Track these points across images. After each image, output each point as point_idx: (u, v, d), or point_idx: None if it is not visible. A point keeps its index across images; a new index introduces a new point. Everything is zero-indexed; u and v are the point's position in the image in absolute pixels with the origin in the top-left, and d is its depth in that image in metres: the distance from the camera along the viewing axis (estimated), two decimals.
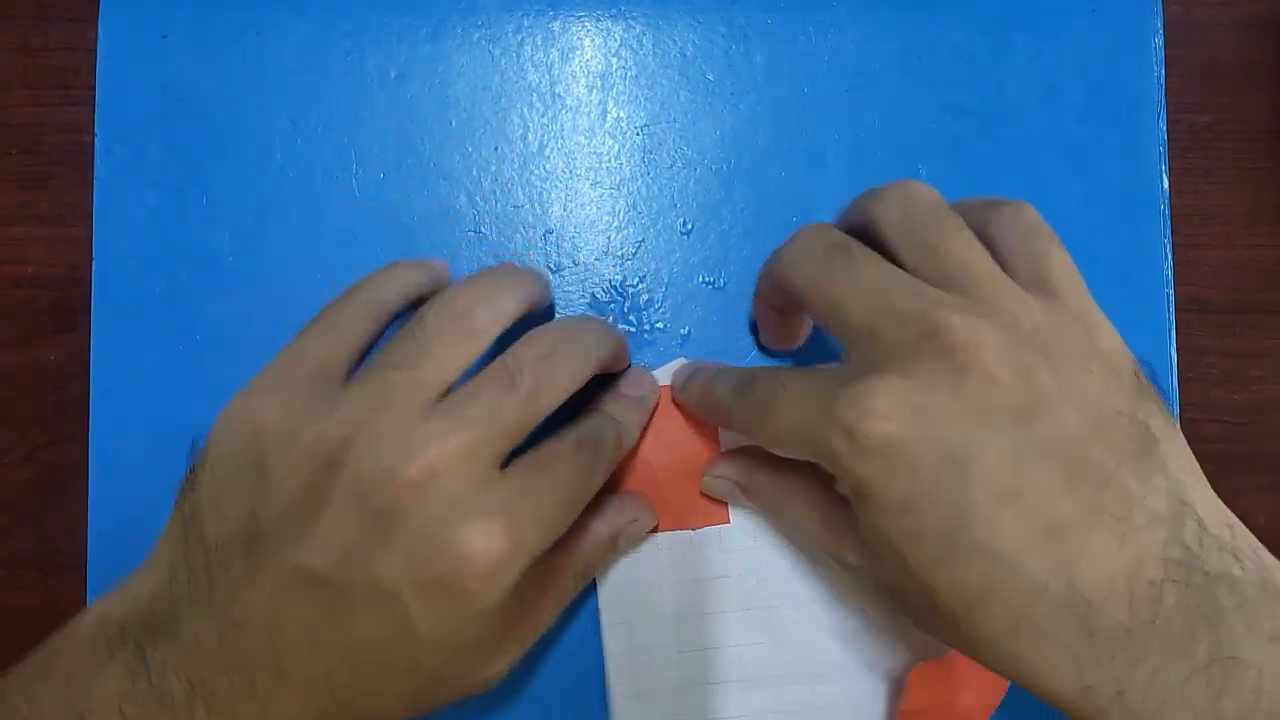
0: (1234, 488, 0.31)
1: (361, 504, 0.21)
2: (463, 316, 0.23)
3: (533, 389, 0.23)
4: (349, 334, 0.24)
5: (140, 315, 0.30)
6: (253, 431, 0.22)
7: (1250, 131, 0.32)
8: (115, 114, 0.31)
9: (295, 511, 0.21)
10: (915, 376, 0.20)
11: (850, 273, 0.22)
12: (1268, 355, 0.32)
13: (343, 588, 0.21)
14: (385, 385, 0.22)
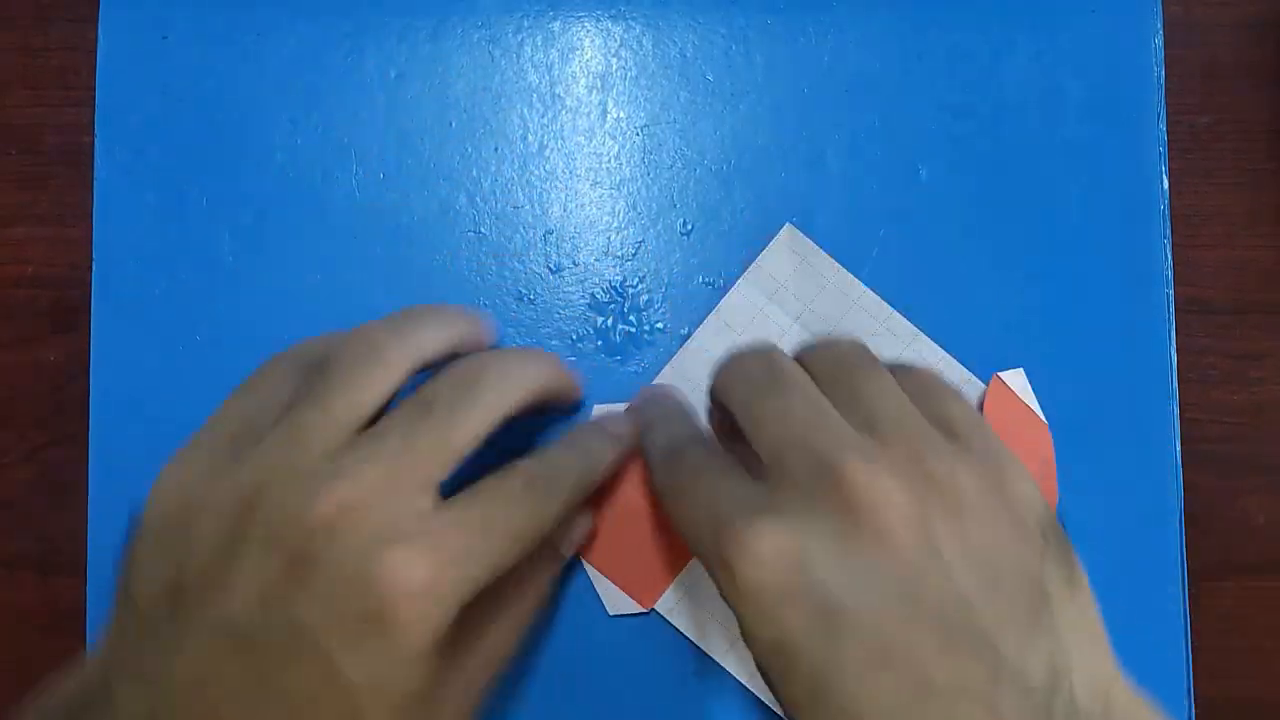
0: (1234, 488, 0.31)
1: (277, 548, 0.20)
2: (373, 348, 0.23)
3: (448, 416, 0.22)
4: (273, 389, 0.24)
5: (140, 315, 0.30)
6: (178, 494, 0.22)
7: (1250, 131, 0.32)
8: (115, 114, 0.31)
9: (214, 566, 0.21)
10: (808, 524, 0.20)
11: (777, 399, 0.22)
12: (1268, 355, 0.32)
13: (265, 639, 0.20)
14: (297, 425, 0.22)
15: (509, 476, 0.23)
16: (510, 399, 0.24)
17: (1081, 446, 0.30)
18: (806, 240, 0.30)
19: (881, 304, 0.30)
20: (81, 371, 0.30)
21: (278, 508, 0.21)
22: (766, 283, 0.30)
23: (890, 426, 0.21)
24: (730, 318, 0.30)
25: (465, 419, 0.22)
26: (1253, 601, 0.31)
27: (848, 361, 0.23)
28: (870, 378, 0.23)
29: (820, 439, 0.21)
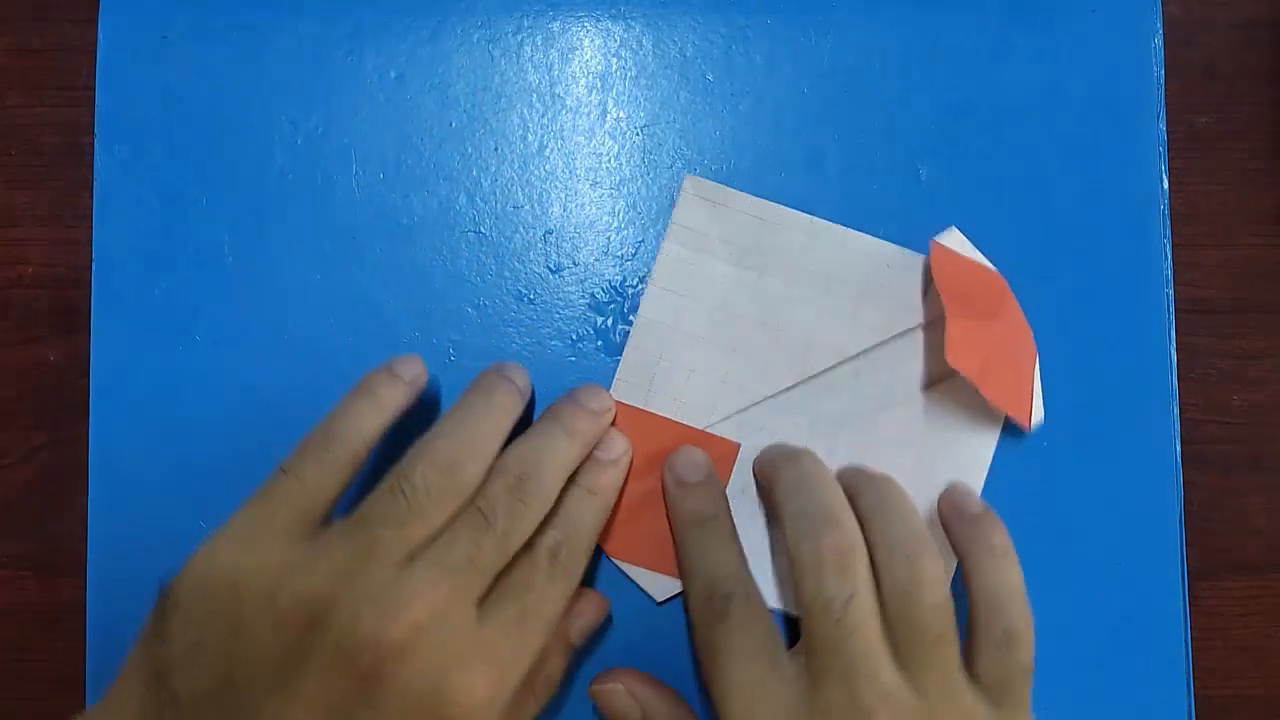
0: (1234, 488, 0.31)
1: (348, 665, 0.21)
2: (452, 471, 0.24)
3: (508, 527, 0.23)
4: (329, 477, 0.24)
5: (140, 315, 0.30)
6: (229, 586, 0.22)
7: (1250, 131, 0.32)
8: (115, 114, 0.31)
9: (276, 672, 0.21)
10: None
11: (846, 631, 0.24)
12: (1268, 355, 0.32)
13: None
14: (371, 543, 0.22)
15: (535, 558, 0.24)
16: (555, 491, 0.25)
17: (1081, 446, 0.30)
18: (710, 183, 0.30)
19: (804, 216, 0.30)
20: (81, 371, 0.30)
21: (351, 626, 0.21)
22: (689, 238, 0.30)
23: (934, 689, 0.24)
24: (668, 283, 0.30)
25: (520, 528, 0.24)
26: (1253, 601, 0.31)
27: (927, 620, 0.24)
28: (940, 641, 0.24)
29: (861, 686, 0.23)
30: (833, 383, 0.30)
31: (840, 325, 0.30)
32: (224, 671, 0.21)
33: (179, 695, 0.21)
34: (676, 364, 0.30)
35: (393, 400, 0.25)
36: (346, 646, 0.21)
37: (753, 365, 0.30)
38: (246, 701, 0.21)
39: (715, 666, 0.24)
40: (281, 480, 0.24)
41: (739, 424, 0.29)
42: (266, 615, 0.21)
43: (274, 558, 0.22)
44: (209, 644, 0.22)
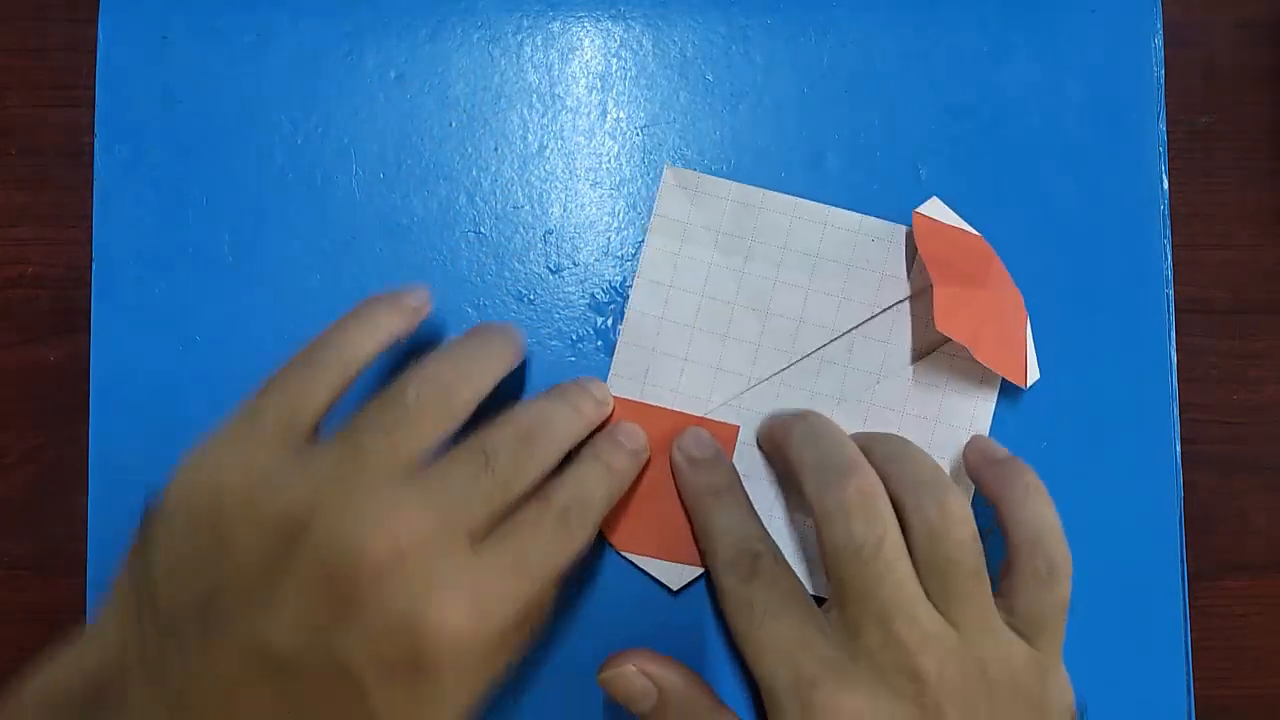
0: (1234, 488, 0.31)
1: (326, 579, 0.20)
2: (446, 393, 0.23)
3: (508, 475, 0.23)
4: (318, 389, 0.23)
5: (140, 315, 0.30)
6: (212, 494, 0.21)
7: (1250, 131, 0.32)
8: (115, 114, 0.31)
9: (255, 582, 0.20)
10: (888, 705, 0.22)
11: (866, 564, 0.23)
12: (1268, 355, 0.32)
13: (302, 670, 0.20)
14: (358, 451, 0.22)
15: (544, 511, 0.24)
16: (559, 455, 0.25)
17: (1082, 446, 0.30)
18: (690, 172, 0.30)
19: (785, 198, 0.30)
20: (81, 371, 0.30)
21: (333, 537, 0.20)
22: (672, 228, 0.30)
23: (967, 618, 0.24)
24: (655, 275, 0.30)
25: (520, 480, 0.23)
26: (1253, 601, 0.31)
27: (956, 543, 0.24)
28: (969, 573, 0.24)
29: (901, 628, 0.23)
30: (827, 360, 0.30)
31: (829, 303, 0.30)
32: (205, 583, 0.21)
33: (159, 608, 0.21)
34: (670, 355, 0.30)
35: (389, 325, 0.25)
36: (328, 557, 0.20)
37: (745, 350, 0.30)
38: (225, 614, 0.20)
39: (750, 624, 0.24)
40: (266, 392, 0.23)
41: (736, 409, 0.30)
42: (249, 524, 0.21)
43: (258, 467, 0.21)
44: (191, 555, 0.21)
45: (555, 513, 0.24)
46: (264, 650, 0.20)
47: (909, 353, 0.30)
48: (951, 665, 0.23)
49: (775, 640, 0.24)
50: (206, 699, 0.20)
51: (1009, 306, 0.29)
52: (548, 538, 0.23)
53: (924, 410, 0.30)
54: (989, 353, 0.28)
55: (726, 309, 0.30)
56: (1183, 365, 0.31)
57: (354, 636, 0.20)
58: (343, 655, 0.20)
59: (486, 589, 0.21)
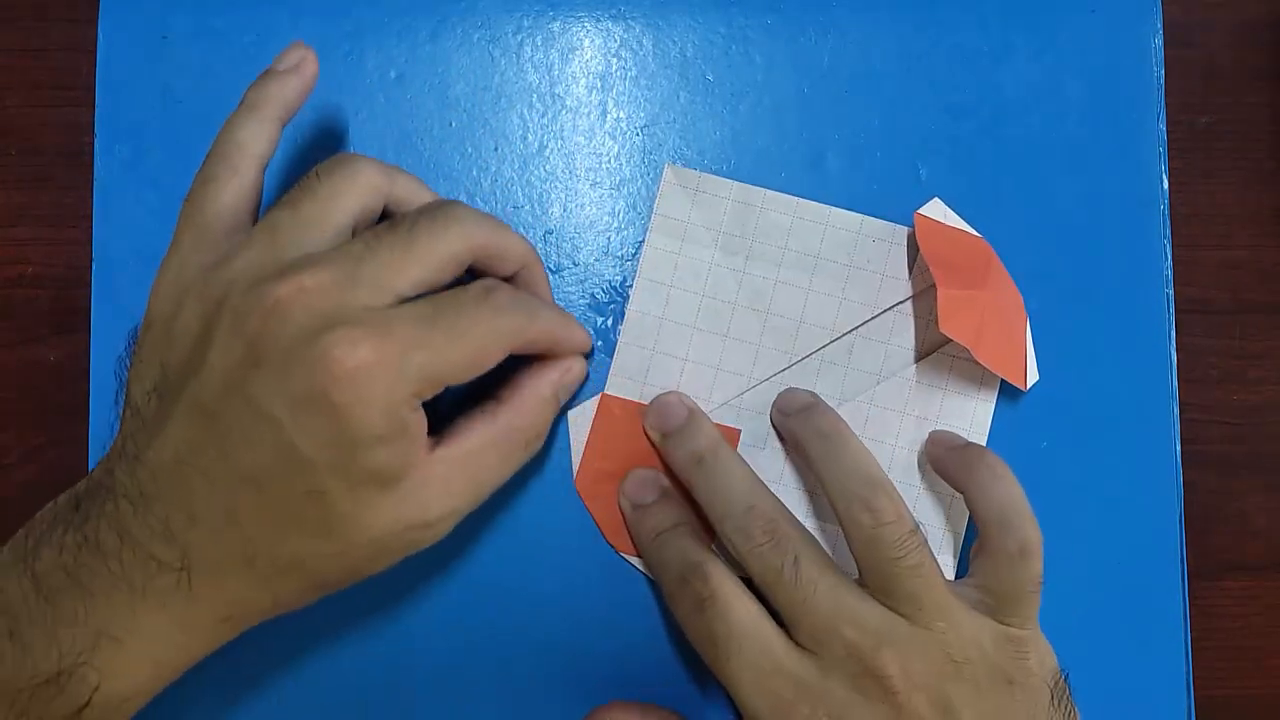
0: (1234, 488, 0.31)
1: (239, 332, 0.22)
2: (350, 166, 0.24)
3: (415, 231, 0.23)
4: (241, 184, 0.25)
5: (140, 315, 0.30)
6: (171, 295, 0.24)
7: (1250, 131, 0.32)
8: (115, 114, 0.31)
9: (192, 353, 0.22)
10: (859, 709, 0.23)
11: (806, 588, 0.24)
12: (1268, 355, 0.32)
13: (228, 418, 0.21)
14: (272, 224, 0.23)
15: (467, 288, 0.24)
16: (478, 239, 0.24)
17: (1082, 446, 0.30)
18: (691, 171, 0.30)
19: (786, 198, 0.30)
20: (81, 372, 0.30)
21: (242, 294, 0.22)
22: (673, 227, 0.30)
23: (920, 613, 0.24)
24: (656, 274, 0.30)
25: (429, 238, 0.23)
26: (1253, 601, 0.31)
27: (887, 542, 0.24)
28: (907, 564, 0.24)
29: (856, 630, 0.24)
30: (828, 361, 0.30)
31: (830, 303, 0.30)
32: (160, 369, 0.23)
33: (135, 401, 0.23)
34: (670, 354, 0.30)
35: (269, 101, 0.26)
36: (238, 311, 0.22)
37: (746, 350, 0.30)
38: (173, 385, 0.22)
39: (717, 657, 0.24)
40: (188, 202, 0.25)
41: (737, 409, 0.30)
42: (190, 310, 0.23)
43: (197, 264, 0.24)
44: (154, 351, 0.23)
45: (476, 288, 0.24)
46: (196, 407, 0.22)
47: (909, 354, 0.30)
48: (913, 656, 0.23)
49: (745, 671, 0.24)
50: (163, 462, 0.22)
51: (1010, 308, 0.29)
52: (468, 303, 0.23)
53: (924, 411, 0.30)
54: (990, 354, 0.28)
55: (727, 309, 0.30)
56: (1183, 365, 0.31)
57: (264, 376, 0.21)
58: (257, 396, 0.21)
59: (393, 330, 0.22)
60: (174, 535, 0.22)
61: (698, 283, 0.30)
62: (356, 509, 0.22)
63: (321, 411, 0.21)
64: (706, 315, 0.30)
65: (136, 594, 0.22)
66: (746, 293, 0.30)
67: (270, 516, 0.22)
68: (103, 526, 0.22)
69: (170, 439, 0.22)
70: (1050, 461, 0.30)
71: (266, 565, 0.22)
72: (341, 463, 0.21)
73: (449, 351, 0.22)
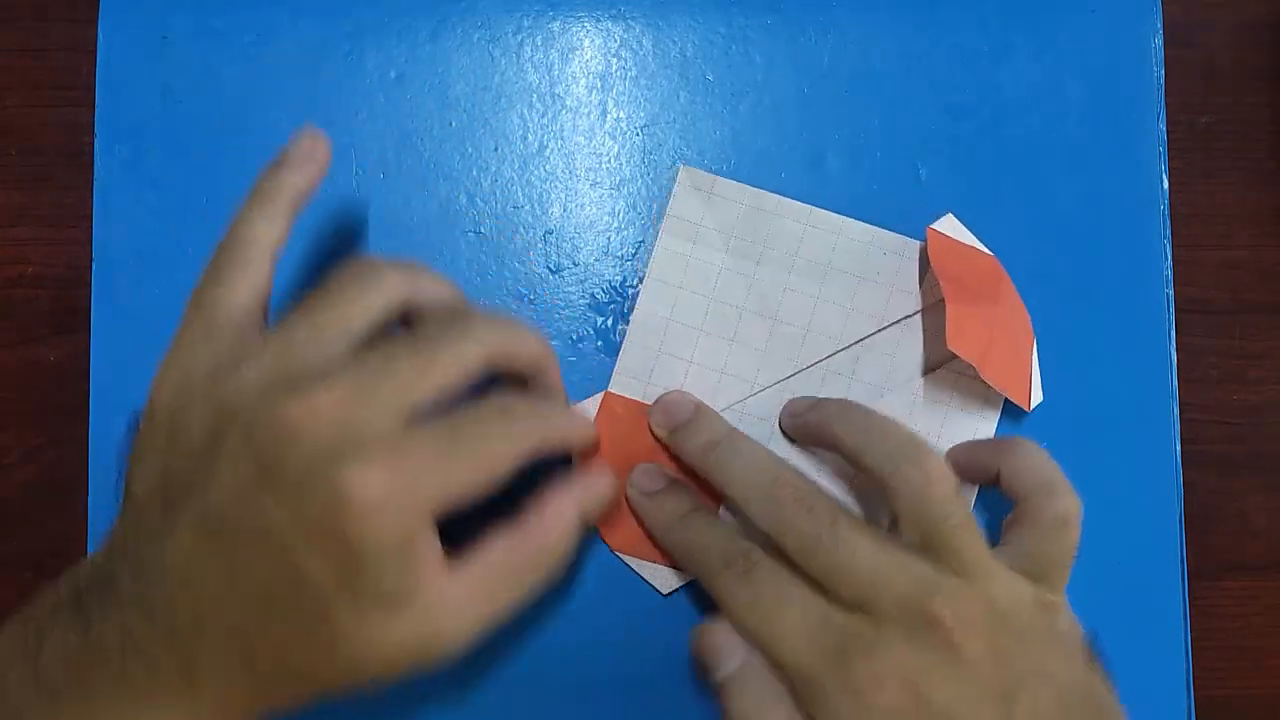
0: (1234, 488, 0.31)
1: (251, 449, 0.21)
2: (368, 271, 0.24)
3: (431, 348, 0.23)
4: (251, 279, 0.24)
5: (140, 315, 0.30)
6: (176, 391, 0.23)
7: (1250, 131, 0.32)
8: (115, 114, 0.31)
9: (198, 462, 0.22)
10: (921, 659, 0.23)
11: (846, 550, 0.24)
12: (1268, 355, 0.32)
13: (238, 536, 0.21)
14: (287, 336, 0.23)
15: (485, 404, 0.24)
16: (493, 347, 0.24)
17: (1082, 446, 0.30)
18: (706, 174, 0.30)
19: (800, 205, 0.30)
20: (81, 372, 0.30)
21: (254, 410, 0.21)
22: (685, 229, 0.30)
23: (966, 571, 0.24)
24: (665, 275, 0.30)
25: (448, 355, 0.23)
26: (1253, 601, 0.31)
27: (936, 499, 0.24)
28: (955, 520, 0.24)
29: (904, 583, 0.23)
30: (832, 371, 0.30)
31: (838, 313, 0.30)
32: (164, 470, 0.23)
33: (135, 496, 0.23)
34: (676, 356, 0.30)
35: (282, 192, 0.25)
36: (250, 428, 0.21)
37: (752, 355, 0.30)
38: (179, 492, 0.22)
39: (763, 619, 0.24)
40: (196, 297, 0.24)
41: (740, 414, 0.30)
42: (197, 413, 0.22)
43: (205, 365, 0.23)
44: (157, 448, 0.23)
45: (497, 406, 0.24)
46: (209, 523, 0.21)
47: (915, 368, 0.30)
48: (963, 605, 0.23)
49: (795, 627, 0.24)
50: (171, 569, 0.22)
51: (1018, 328, 0.29)
52: (483, 420, 0.23)
53: (927, 426, 0.29)
54: (995, 373, 0.28)
55: (735, 313, 0.30)
56: (1183, 365, 0.31)
57: (276, 499, 0.21)
58: (269, 517, 0.21)
59: (407, 458, 0.21)
60: (179, 643, 0.21)
61: (707, 286, 0.30)
62: (365, 630, 0.22)
63: (333, 541, 0.21)
64: (714, 319, 0.30)
65: (140, 697, 0.22)
66: (755, 298, 0.30)
67: (277, 633, 0.22)
68: (107, 630, 0.22)
69: (177, 549, 0.22)
70: None
71: (272, 675, 0.22)
72: (351, 588, 0.21)
73: (464, 474, 0.22)
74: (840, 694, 0.23)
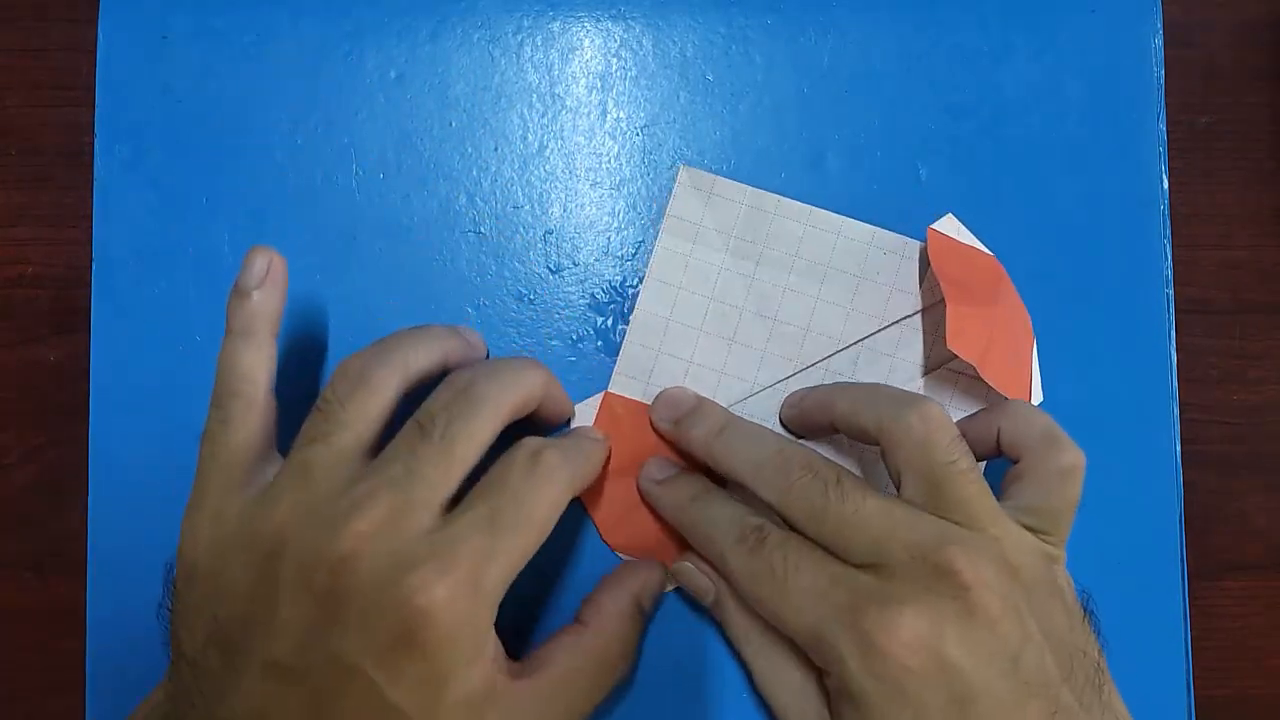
0: (1234, 488, 0.31)
1: (308, 587, 0.21)
2: (359, 377, 0.24)
3: (446, 435, 0.23)
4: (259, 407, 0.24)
5: (140, 315, 0.30)
6: (208, 542, 0.23)
7: (1250, 131, 0.32)
8: (115, 114, 0.31)
9: (252, 608, 0.22)
10: (935, 611, 0.22)
11: (852, 507, 0.24)
12: (1268, 355, 0.32)
13: (312, 675, 0.21)
14: (304, 465, 0.23)
15: (509, 464, 0.24)
16: (504, 408, 0.24)
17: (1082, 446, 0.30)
18: (706, 174, 0.30)
19: (800, 205, 0.30)
20: (81, 371, 0.30)
21: (303, 548, 0.22)
22: (685, 229, 0.30)
23: (973, 522, 0.24)
24: (665, 275, 0.30)
25: (463, 435, 0.23)
26: (1252, 601, 0.31)
27: (935, 444, 0.24)
28: (957, 465, 0.24)
29: (915, 533, 0.23)
30: (832, 371, 0.30)
31: (838, 313, 0.30)
32: (213, 623, 0.22)
33: (185, 653, 0.23)
34: (675, 356, 0.30)
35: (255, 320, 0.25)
36: (302, 568, 0.21)
37: (752, 355, 0.30)
38: (237, 642, 0.22)
39: (775, 587, 0.24)
40: (207, 443, 0.24)
41: (740, 414, 0.30)
42: (236, 562, 0.22)
43: (238, 508, 0.23)
44: (197, 599, 0.23)
45: (521, 461, 0.24)
46: (277, 667, 0.21)
47: (915, 368, 0.30)
48: (976, 557, 0.23)
49: (807, 590, 0.23)
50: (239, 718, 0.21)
51: (1018, 328, 0.29)
52: (519, 482, 0.23)
53: None
54: (995, 373, 0.28)
55: (734, 313, 0.30)
56: (1183, 365, 0.31)
57: (345, 630, 0.21)
58: (341, 652, 0.21)
59: (460, 551, 0.22)
60: None
61: (707, 286, 0.30)
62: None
63: (410, 658, 0.21)
64: (714, 319, 0.30)
65: None
66: (755, 298, 0.30)
67: None
68: None
69: (248, 696, 0.21)
70: None
71: None
72: (433, 703, 0.21)
73: (514, 545, 0.22)
74: (852, 648, 0.22)
